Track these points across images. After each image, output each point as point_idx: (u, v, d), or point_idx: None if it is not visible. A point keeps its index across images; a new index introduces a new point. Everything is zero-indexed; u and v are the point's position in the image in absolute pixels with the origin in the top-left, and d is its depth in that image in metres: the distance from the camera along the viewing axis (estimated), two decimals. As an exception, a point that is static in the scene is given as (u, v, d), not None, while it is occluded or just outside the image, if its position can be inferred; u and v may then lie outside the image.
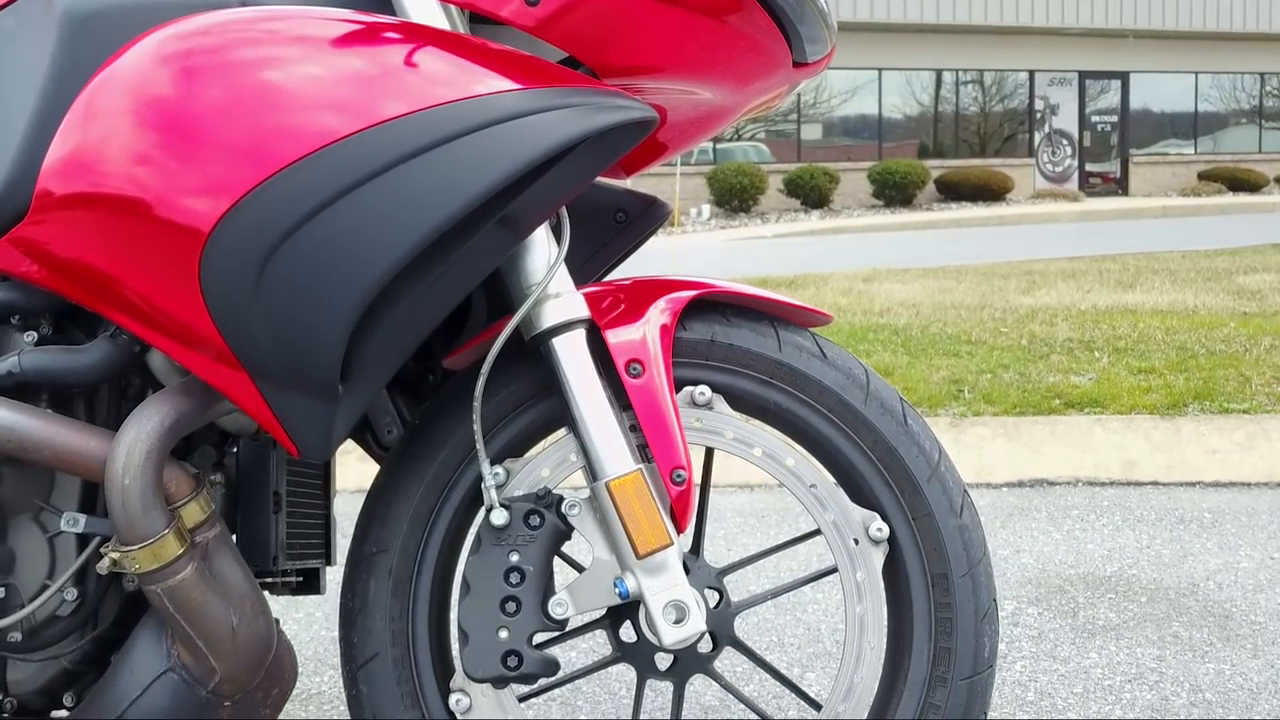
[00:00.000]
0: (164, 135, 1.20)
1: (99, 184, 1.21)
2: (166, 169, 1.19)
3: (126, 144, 1.21)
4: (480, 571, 1.33)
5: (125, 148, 1.21)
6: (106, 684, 1.33)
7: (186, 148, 1.19)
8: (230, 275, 1.18)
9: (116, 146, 1.21)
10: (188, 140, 1.19)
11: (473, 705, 1.37)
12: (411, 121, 1.18)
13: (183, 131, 1.20)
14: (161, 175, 1.19)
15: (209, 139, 1.19)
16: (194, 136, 1.19)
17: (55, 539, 1.35)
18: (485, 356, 1.40)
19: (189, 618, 1.28)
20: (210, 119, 1.19)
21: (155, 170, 1.19)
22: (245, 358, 1.21)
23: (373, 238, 1.18)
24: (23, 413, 1.26)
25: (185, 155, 1.19)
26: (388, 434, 1.62)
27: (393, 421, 1.62)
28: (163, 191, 1.19)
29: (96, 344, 1.31)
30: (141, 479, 1.24)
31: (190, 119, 1.20)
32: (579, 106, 1.24)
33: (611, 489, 1.30)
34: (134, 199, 1.19)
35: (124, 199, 1.20)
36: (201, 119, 1.19)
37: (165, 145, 1.20)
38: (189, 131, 1.19)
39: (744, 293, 1.43)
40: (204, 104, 1.20)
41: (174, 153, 1.19)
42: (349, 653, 1.38)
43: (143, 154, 1.20)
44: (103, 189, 1.21)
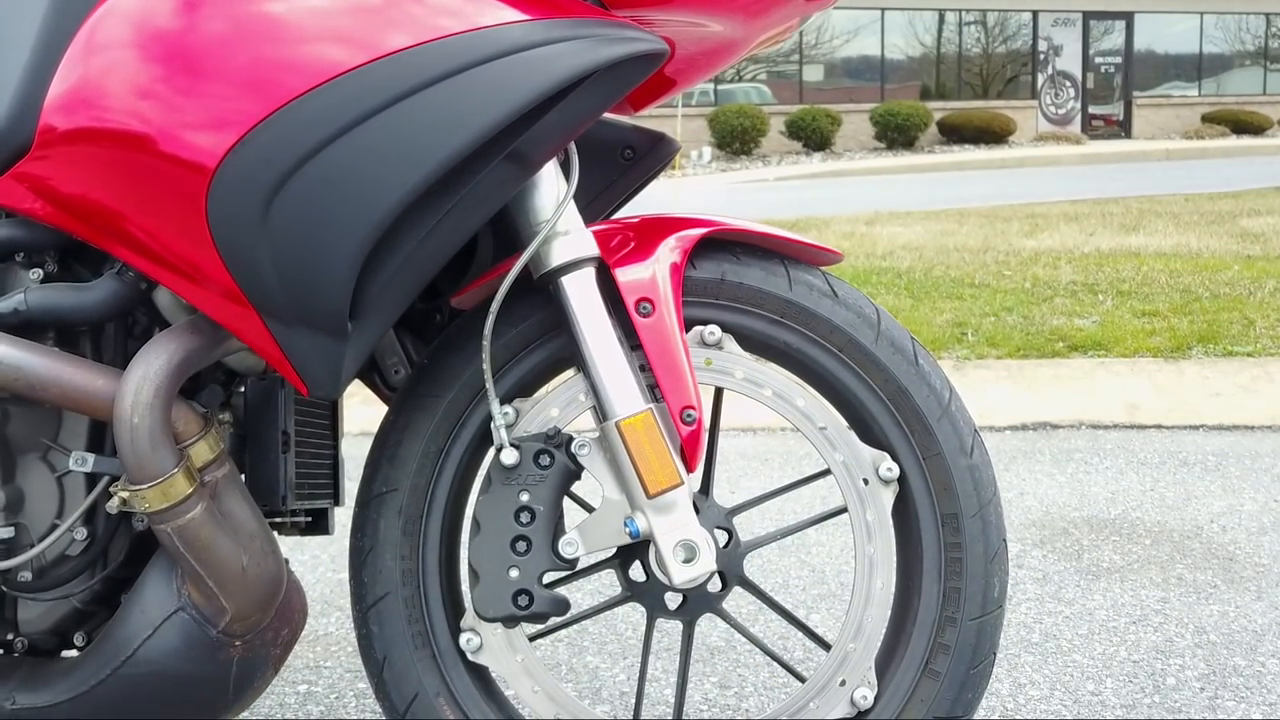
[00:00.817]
0: (169, 68, 1.18)
1: (103, 118, 1.19)
2: (172, 103, 1.17)
3: (130, 77, 1.19)
4: (490, 511, 1.32)
5: (129, 81, 1.19)
6: (117, 623, 1.33)
7: (192, 81, 1.17)
8: (237, 211, 1.17)
9: (120, 80, 1.19)
10: (193, 73, 1.17)
11: (483, 645, 1.37)
12: (419, 53, 1.17)
13: (188, 65, 1.18)
14: (167, 109, 1.17)
15: (214, 72, 1.17)
16: (199, 70, 1.17)
17: (64, 478, 1.35)
18: (493, 295, 1.39)
19: (199, 556, 1.28)
20: (215, 52, 1.17)
21: (160, 104, 1.18)
22: (253, 295, 1.20)
23: (380, 172, 1.16)
24: (29, 350, 1.25)
25: (190, 89, 1.17)
26: (395, 374, 1.61)
27: (400, 361, 1.60)
28: (168, 126, 1.17)
29: (102, 281, 1.30)
30: (150, 417, 1.23)
31: (195, 52, 1.18)
32: (588, 38, 1.22)
33: (622, 429, 1.30)
34: (139, 133, 1.18)
35: (129, 133, 1.18)
36: (206, 52, 1.18)
37: (170, 79, 1.18)
38: (194, 65, 1.18)
39: (754, 230, 1.42)
40: (209, 37, 1.18)
41: (179, 86, 1.17)
42: (359, 592, 1.38)
43: (147, 87, 1.18)
44: (107, 123, 1.19)
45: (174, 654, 1.31)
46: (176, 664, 1.31)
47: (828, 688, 1.37)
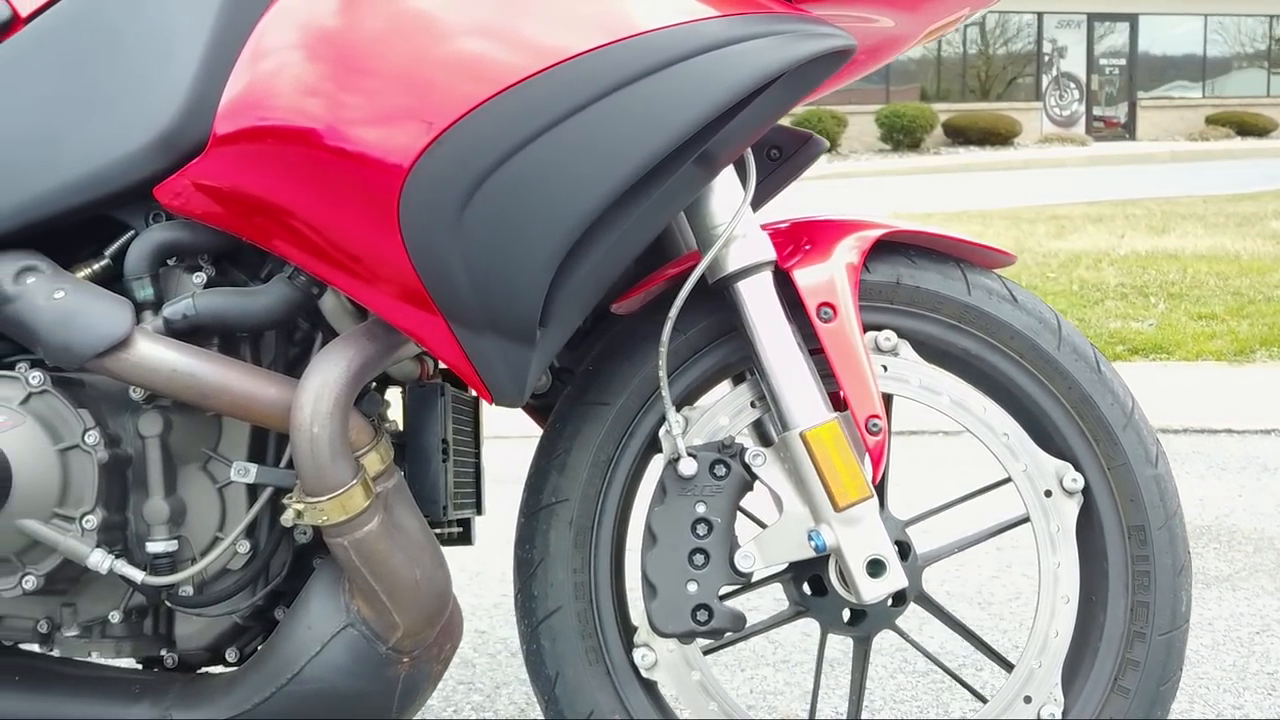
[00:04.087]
0: (355, 69, 1.14)
1: (284, 120, 1.15)
2: (361, 104, 1.13)
3: (313, 79, 1.15)
4: (667, 522, 1.28)
5: (312, 83, 1.15)
6: (281, 639, 1.29)
7: (382, 82, 1.13)
8: (431, 213, 1.13)
9: (302, 81, 1.15)
10: (382, 74, 1.13)
11: (658, 661, 1.32)
12: (618, 50, 1.13)
13: (376, 65, 1.14)
14: (356, 110, 1.13)
15: (406, 72, 1.13)
16: (389, 70, 1.13)
17: (225, 489, 1.31)
18: (656, 300, 1.35)
19: (374, 570, 1.23)
20: (406, 51, 1.13)
21: (348, 105, 1.13)
22: (441, 300, 1.15)
23: (580, 172, 1.12)
24: (201, 358, 1.21)
25: (381, 89, 1.13)
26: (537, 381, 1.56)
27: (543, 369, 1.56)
28: (358, 127, 1.13)
29: (272, 286, 1.25)
30: (330, 427, 1.19)
31: (384, 52, 1.14)
32: (783, 34, 1.18)
33: (807, 439, 1.25)
34: (325, 135, 1.14)
35: (314, 136, 1.14)
36: (396, 52, 1.14)
37: (357, 79, 1.14)
38: (383, 65, 1.13)
39: (928, 232, 1.38)
40: (398, 36, 1.14)
41: (368, 87, 1.13)
42: (528, 606, 1.34)
43: (333, 89, 1.14)
44: (289, 125, 1.15)
45: (342, 670, 1.27)
46: (344, 681, 1.27)
47: (1012, 705, 1.32)
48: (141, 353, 1.19)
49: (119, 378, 1.21)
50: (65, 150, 1.24)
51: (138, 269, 1.24)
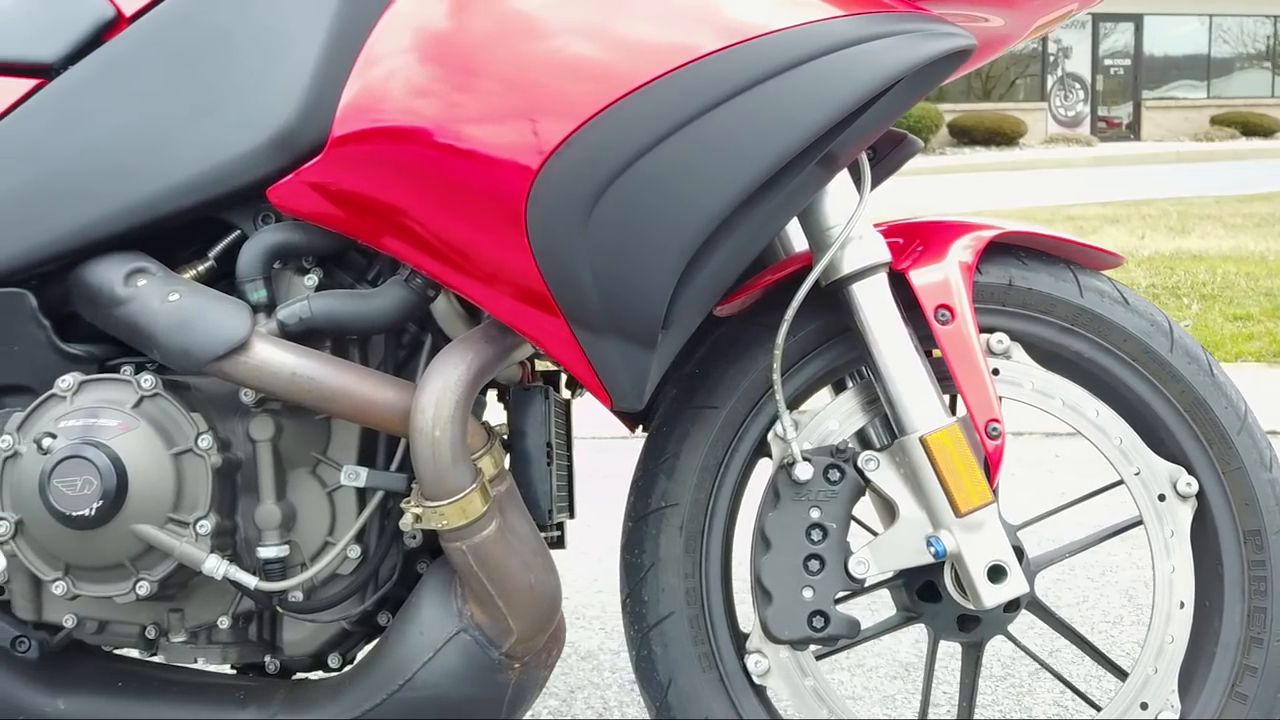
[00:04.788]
0: (481, 71, 1.13)
1: (408, 121, 1.14)
2: (487, 105, 1.12)
3: (438, 80, 1.14)
4: (781, 528, 1.27)
5: (436, 84, 1.14)
6: (392, 644, 1.27)
7: (508, 83, 1.12)
8: (558, 215, 1.11)
9: (426, 82, 1.14)
10: (509, 76, 1.12)
11: (771, 667, 1.31)
12: (747, 50, 1.12)
13: (502, 67, 1.12)
14: (482, 112, 1.12)
15: (534, 73, 1.12)
16: (516, 71, 1.12)
17: (334, 494, 1.29)
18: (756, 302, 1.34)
19: (491, 576, 1.22)
20: (534, 53, 1.12)
21: (474, 107, 1.12)
22: (565, 302, 1.14)
23: (709, 173, 1.11)
24: (320, 361, 1.20)
25: (508, 91, 1.12)
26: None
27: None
28: (485, 129, 1.12)
29: (388, 289, 1.24)
30: (452, 431, 1.18)
31: (512, 53, 1.13)
32: (909, 34, 1.17)
33: (928, 443, 1.24)
34: (451, 137, 1.12)
35: (439, 137, 1.13)
36: (523, 54, 1.12)
37: (483, 81, 1.13)
38: (510, 66, 1.12)
39: (1038, 233, 1.36)
40: (525, 38, 1.13)
41: (494, 88, 1.12)
42: (639, 611, 1.33)
43: (459, 89, 1.13)
44: (413, 127, 1.13)
45: (454, 677, 1.26)
46: (456, 686, 1.26)
47: (1128, 711, 1.31)
48: (261, 356, 1.18)
49: (237, 381, 1.19)
50: (175, 151, 1.22)
51: (251, 271, 1.23)
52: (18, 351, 1.26)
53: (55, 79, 1.27)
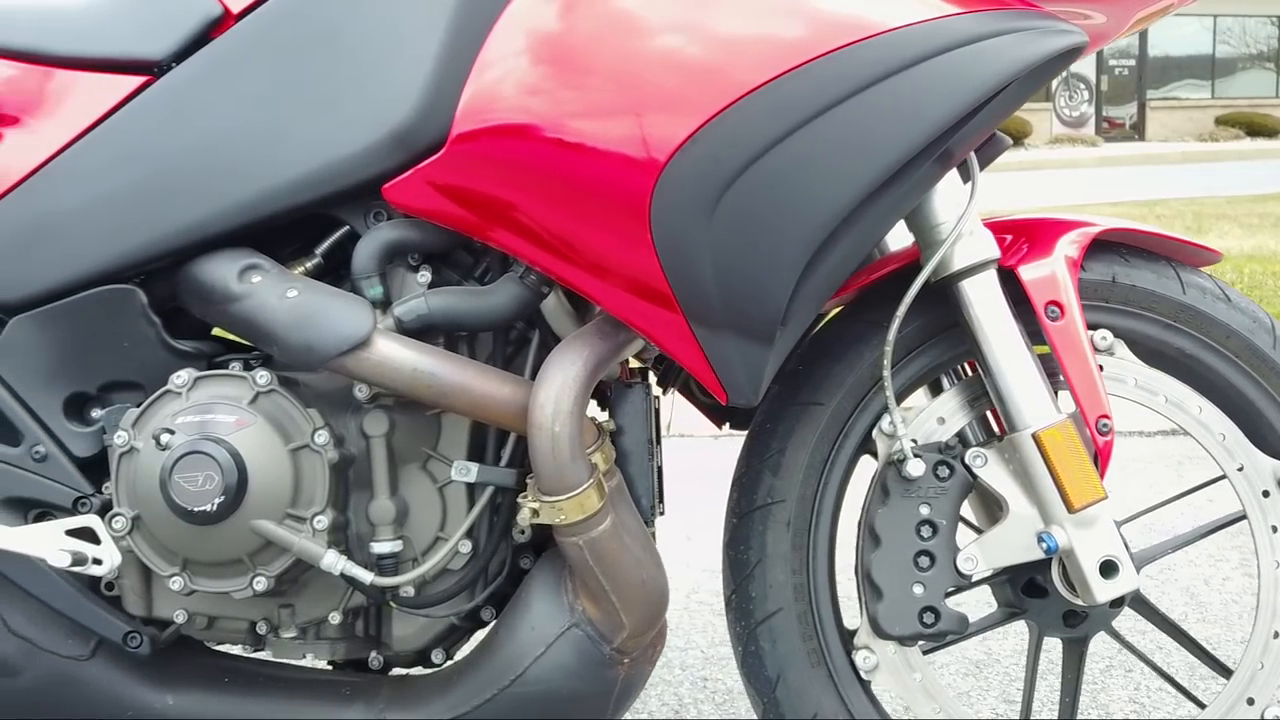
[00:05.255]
0: (606, 67, 1.13)
1: (531, 119, 1.14)
2: (612, 101, 1.12)
3: (562, 76, 1.14)
4: (891, 524, 1.28)
5: (561, 80, 1.14)
6: (502, 640, 1.28)
7: (633, 79, 1.12)
8: (683, 210, 1.12)
9: (550, 79, 1.14)
10: (634, 71, 1.12)
11: (879, 663, 1.31)
12: (872, 46, 1.12)
13: (627, 62, 1.13)
14: (607, 108, 1.12)
15: (659, 69, 1.12)
16: (641, 67, 1.12)
17: (445, 489, 1.29)
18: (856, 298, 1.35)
19: (605, 571, 1.22)
20: (661, 49, 1.12)
21: (601, 103, 1.12)
22: (685, 298, 1.14)
23: (834, 169, 1.12)
24: (440, 357, 1.20)
25: (633, 86, 1.12)
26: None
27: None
28: (611, 125, 1.12)
29: (503, 285, 1.24)
30: (570, 426, 1.18)
31: (637, 49, 1.13)
32: (1026, 31, 1.17)
33: (1041, 439, 1.24)
34: (576, 134, 1.12)
35: (564, 134, 1.13)
36: (650, 49, 1.13)
37: (607, 77, 1.13)
38: (635, 62, 1.12)
39: (1141, 229, 1.37)
40: (652, 34, 1.13)
41: (619, 84, 1.12)
42: (746, 607, 1.33)
43: (583, 86, 1.13)
44: (537, 123, 1.14)
45: (565, 672, 1.26)
46: (567, 682, 1.26)
47: (1235, 708, 1.31)
48: (383, 352, 1.18)
49: (358, 377, 1.20)
50: (288, 147, 1.22)
51: (367, 268, 1.23)
52: (127, 348, 1.27)
53: (163, 76, 1.27)
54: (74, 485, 1.26)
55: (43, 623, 1.30)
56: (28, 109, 1.28)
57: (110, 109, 1.27)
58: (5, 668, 1.29)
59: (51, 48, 1.29)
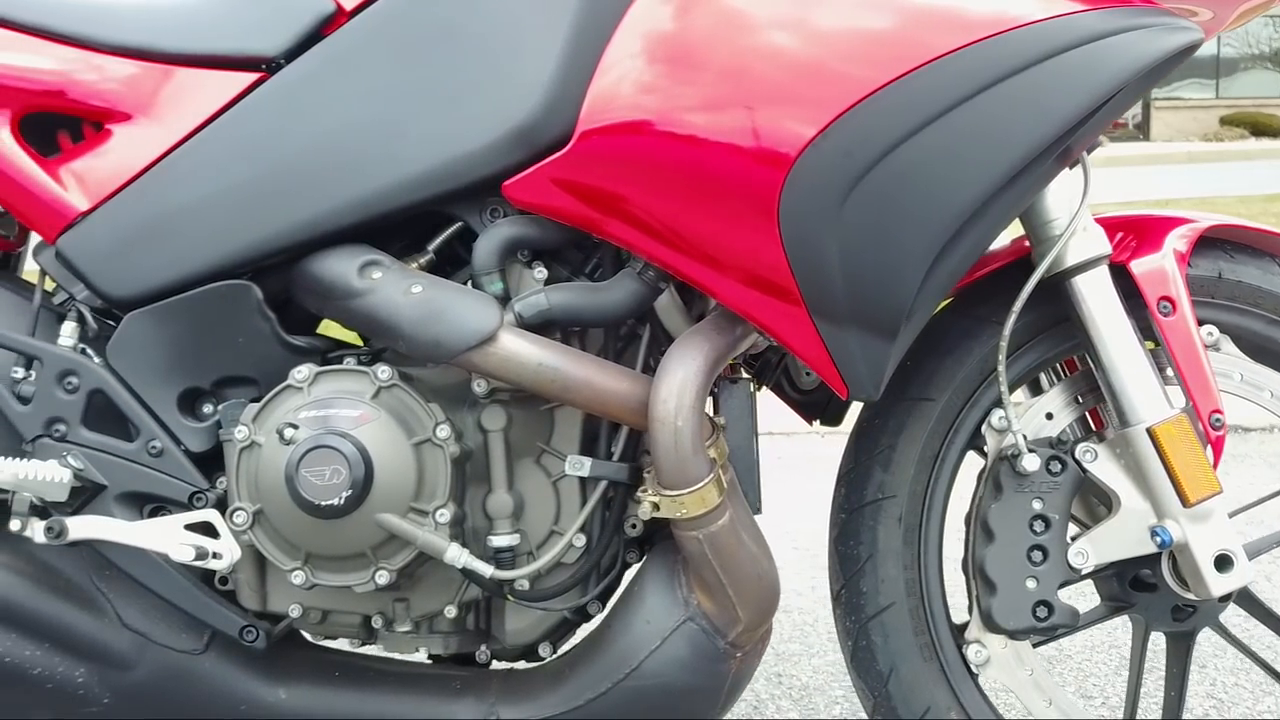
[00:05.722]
0: (737, 62, 1.13)
1: (660, 115, 1.14)
2: (745, 97, 1.13)
3: (690, 72, 1.14)
4: (1004, 519, 1.28)
5: (689, 76, 1.14)
6: (615, 634, 1.28)
7: (765, 74, 1.13)
8: (812, 205, 1.12)
9: (678, 75, 1.15)
10: (765, 67, 1.13)
11: (991, 657, 1.32)
12: (1002, 42, 1.13)
13: (758, 58, 1.13)
14: (739, 104, 1.13)
15: (790, 63, 1.12)
16: (772, 63, 1.13)
17: (558, 483, 1.30)
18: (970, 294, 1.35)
19: (724, 565, 1.23)
20: (791, 44, 1.13)
21: (731, 98, 1.13)
22: (810, 293, 1.15)
23: (964, 165, 1.12)
24: (562, 352, 1.21)
25: (764, 82, 1.13)
26: (805, 376, 1.56)
27: (814, 364, 1.54)
28: (741, 121, 1.12)
29: (621, 281, 1.24)
30: (692, 421, 1.18)
31: (768, 44, 1.13)
32: (1149, 28, 1.17)
33: (1156, 434, 1.25)
34: (705, 130, 1.13)
35: (693, 130, 1.13)
36: (780, 44, 1.13)
37: (739, 72, 1.13)
38: (766, 57, 1.13)
39: (1245, 225, 1.37)
40: (783, 29, 1.14)
41: (751, 80, 1.13)
42: (857, 602, 1.33)
43: (712, 82, 1.14)
44: (666, 120, 1.14)
45: (680, 666, 1.26)
46: (681, 676, 1.27)
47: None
48: (509, 348, 1.19)
49: (484, 372, 1.20)
50: (407, 144, 1.23)
51: (488, 264, 1.24)
52: (242, 343, 1.27)
53: (277, 73, 1.27)
54: (190, 480, 1.26)
55: (156, 617, 1.30)
56: (139, 106, 1.29)
57: (223, 105, 1.27)
58: (119, 662, 1.29)
59: (162, 45, 1.30)
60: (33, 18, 1.30)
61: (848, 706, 1.88)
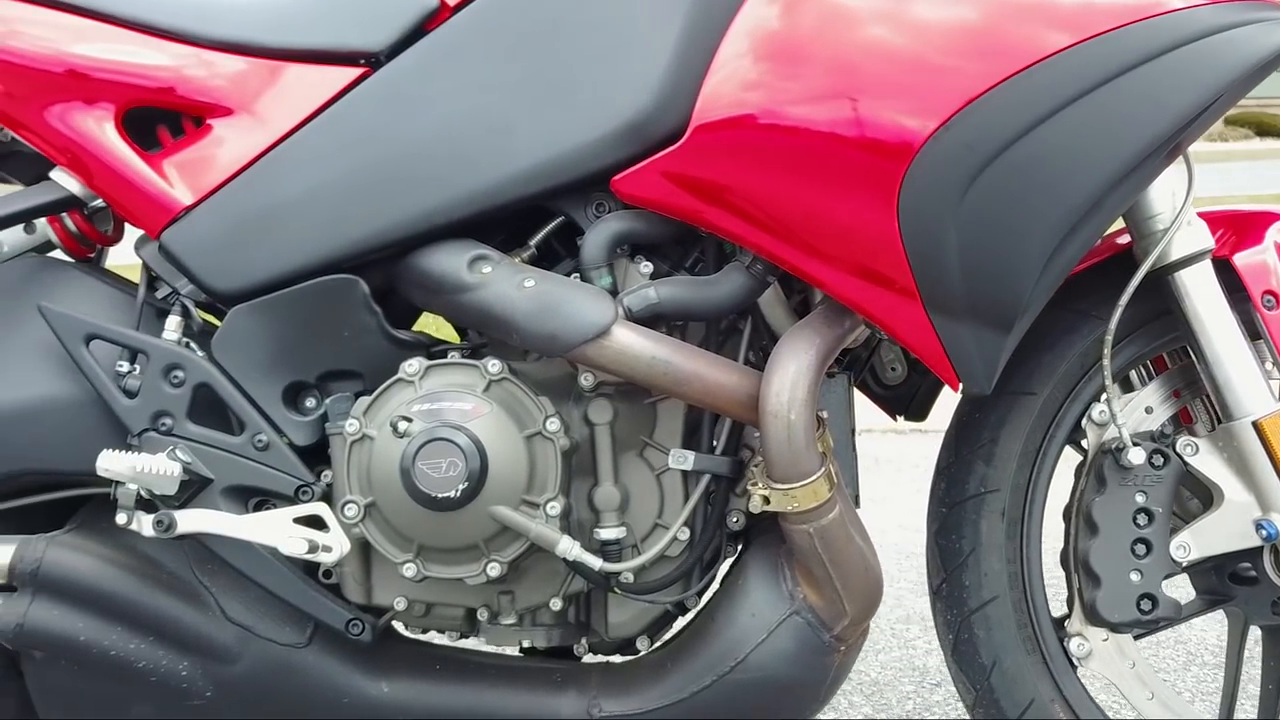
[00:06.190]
0: (855, 55, 1.14)
1: (779, 109, 1.15)
2: (864, 90, 1.13)
3: (810, 64, 1.15)
4: (1109, 512, 1.29)
5: (808, 69, 1.15)
6: (719, 627, 1.28)
7: (885, 67, 1.13)
8: (932, 198, 1.13)
9: (797, 68, 1.15)
10: (885, 59, 1.14)
11: (1093, 650, 1.32)
12: (1123, 35, 1.14)
13: (878, 50, 1.14)
14: (858, 97, 1.13)
15: (912, 58, 1.13)
16: (893, 55, 1.14)
17: (662, 476, 1.30)
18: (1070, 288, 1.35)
19: (833, 558, 1.23)
20: (912, 39, 1.14)
21: (850, 91, 1.14)
22: (926, 286, 1.15)
23: (1084, 157, 1.13)
24: (673, 346, 1.21)
25: (885, 75, 1.13)
26: (891, 371, 1.56)
27: (897, 358, 1.55)
28: (860, 114, 1.13)
29: (729, 275, 1.25)
30: (805, 414, 1.19)
31: (887, 37, 1.14)
32: (1264, 22, 1.18)
33: (1262, 427, 1.26)
34: (824, 123, 1.14)
35: (811, 124, 1.14)
36: (901, 36, 1.14)
37: (858, 64, 1.14)
38: (886, 50, 1.14)
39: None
40: (903, 22, 1.14)
41: (870, 72, 1.14)
42: (959, 595, 1.34)
43: (832, 75, 1.14)
44: (784, 113, 1.15)
45: (785, 659, 1.27)
46: (785, 669, 1.27)
47: None
48: (623, 341, 1.19)
49: (598, 366, 1.20)
50: (516, 139, 1.23)
51: (597, 258, 1.24)
52: (347, 337, 1.27)
53: (381, 68, 1.27)
54: (295, 473, 1.27)
55: (259, 611, 1.31)
56: (241, 101, 1.29)
57: (327, 101, 1.27)
58: (223, 655, 1.30)
59: (264, 40, 1.30)
60: (136, 13, 1.30)
61: (919, 702, 1.89)
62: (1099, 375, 1.33)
